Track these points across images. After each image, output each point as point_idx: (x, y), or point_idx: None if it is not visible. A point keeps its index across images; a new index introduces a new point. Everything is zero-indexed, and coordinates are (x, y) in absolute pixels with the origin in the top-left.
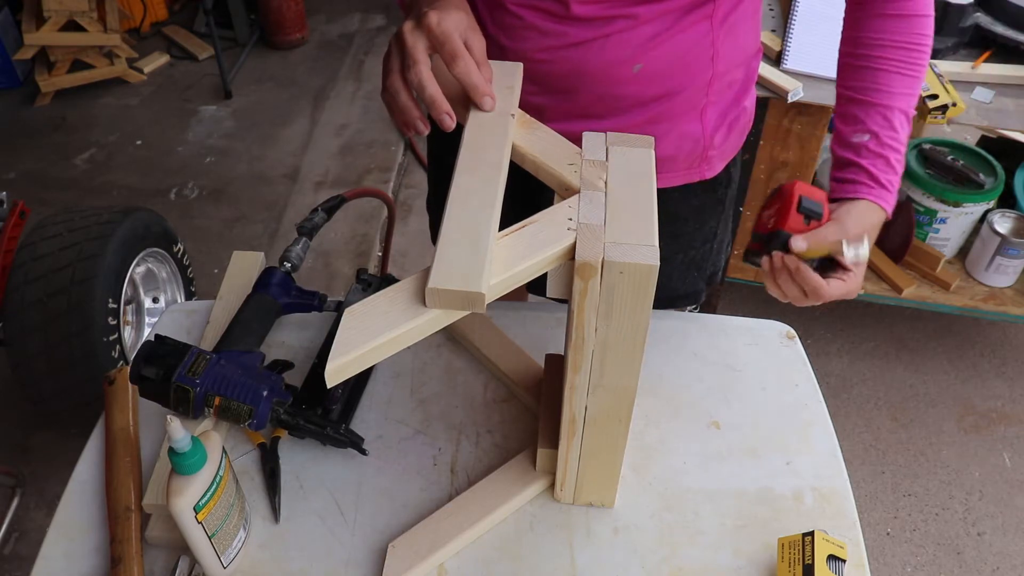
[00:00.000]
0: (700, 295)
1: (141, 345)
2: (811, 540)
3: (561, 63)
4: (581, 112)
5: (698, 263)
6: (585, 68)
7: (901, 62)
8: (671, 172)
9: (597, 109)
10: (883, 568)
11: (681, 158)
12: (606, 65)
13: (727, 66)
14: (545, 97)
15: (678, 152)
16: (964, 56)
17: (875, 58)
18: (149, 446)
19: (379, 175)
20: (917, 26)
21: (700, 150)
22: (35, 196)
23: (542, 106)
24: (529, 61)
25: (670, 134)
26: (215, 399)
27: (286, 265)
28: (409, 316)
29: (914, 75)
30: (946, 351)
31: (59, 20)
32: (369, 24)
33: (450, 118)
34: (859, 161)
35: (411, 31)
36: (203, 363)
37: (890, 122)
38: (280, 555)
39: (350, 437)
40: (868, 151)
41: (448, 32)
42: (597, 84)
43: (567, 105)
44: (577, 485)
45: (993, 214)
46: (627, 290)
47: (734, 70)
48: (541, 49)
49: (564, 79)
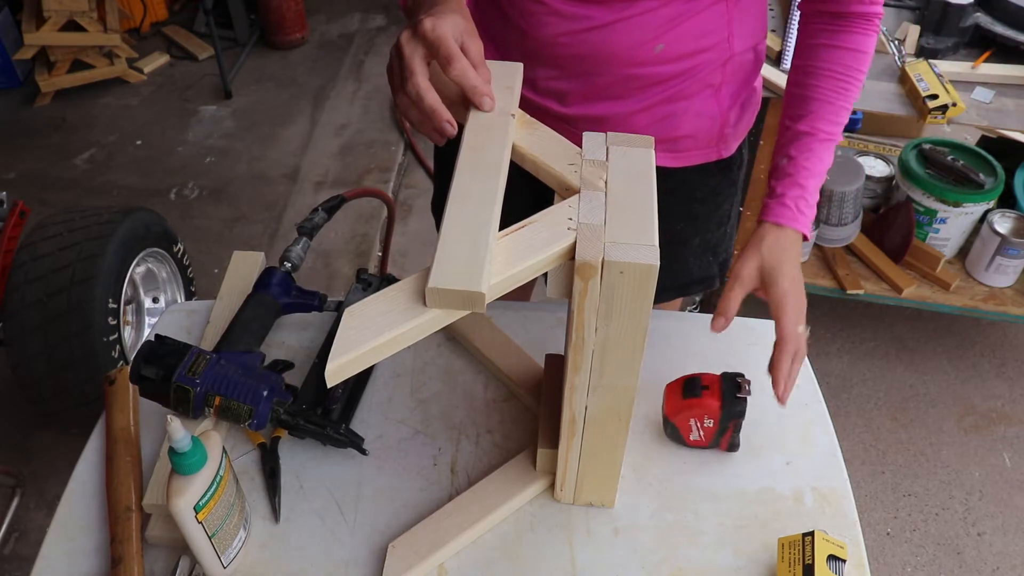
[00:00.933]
0: (714, 281)
1: (141, 345)
2: (811, 540)
3: (584, 46)
4: (602, 94)
5: (713, 247)
6: (608, 50)
7: (830, 90)
8: (691, 151)
9: (618, 90)
10: (883, 568)
11: (699, 136)
12: (629, 46)
13: (742, 46)
14: (566, 81)
15: (696, 131)
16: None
17: (809, 86)
18: (149, 446)
19: (379, 175)
20: (852, 59)
21: (717, 128)
22: (35, 196)
23: (564, 91)
24: (552, 46)
25: (687, 112)
26: (215, 399)
27: (286, 265)
28: (409, 316)
29: (841, 104)
30: (946, 351)
31: (59, 20)
32: (369, 24)
33: (451, 126)
34: (772, 183)
35: (407, 41)
36: (203, 363)
37: (808, 146)
38: (280, 555)
39: (350, 437)
40: (782, 173)
41: (442, 36)
42: (620, 65)
43: (589, 88)
44: (577, 485)
45: (993, 214)
46: (627, 290)
47: (747, 51)
48: (564, 33)
49: (587, 62)
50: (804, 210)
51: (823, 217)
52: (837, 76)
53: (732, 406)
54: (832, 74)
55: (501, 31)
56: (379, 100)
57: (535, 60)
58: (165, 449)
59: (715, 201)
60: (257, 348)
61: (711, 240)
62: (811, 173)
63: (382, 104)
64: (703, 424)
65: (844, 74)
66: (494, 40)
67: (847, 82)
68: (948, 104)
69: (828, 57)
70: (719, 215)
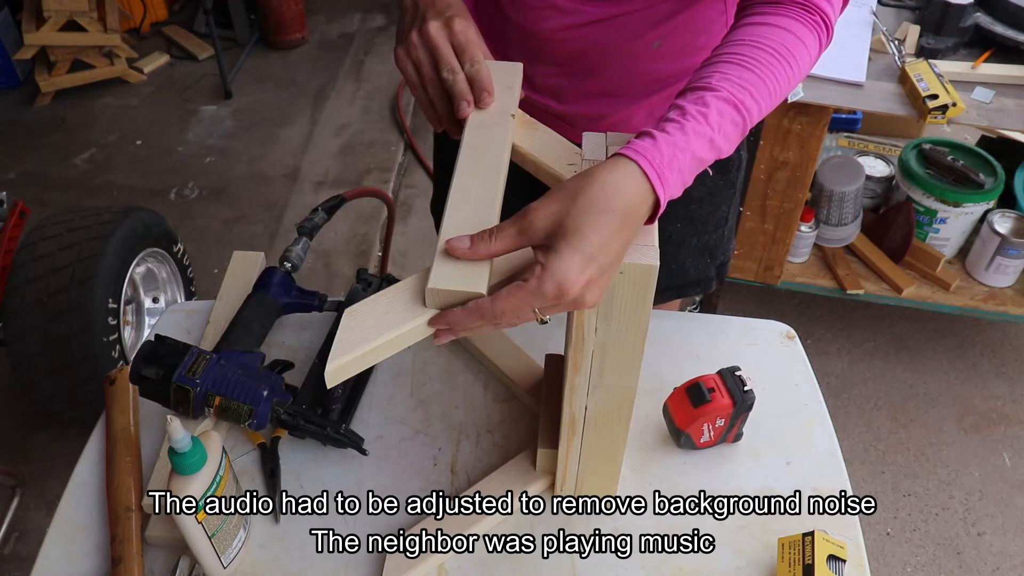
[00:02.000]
0: (711, 283)
1: (141, 345)
2: (811, 540)
3: (581, 41)
4: (600, 91)
5: (711, 249)
6: (606, 45)
7: (751, 59)
8: None
9: (616, 87)
10: (883, 568)
11: None
12: (626, 41)
13: None
14: (564, 78)
15: None
16: (964, 56)
17: (724, 53)
18: (149, 446)
19: (379, 175)
20: (781, 37)
21: None
22: (35, 196)
23: (561, 88)
24: (549, 41)
25: None
26: (215, 399)
27: (286, 265)
28: (409, 316)
29: (758, 73)
30: (946, 351)
31: (59, 20)
32: (369, 24)
33: (468, 104)
34: (648, 129)
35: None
36: (203, 363)
37: (703, 100)
38: (280, 555)
39: (350, 437)
40: (663, 120)
41: (472, 40)
42: (617, 61)
43: (586, 85)
44: (577, 485)
45: (993, 214)
46: (627, 290)
47: None
48: (561, 28)
49: (584, 58)
50: (662, 146)
51: (823, 217)
52: (759, 46)
53: (743, 402)
54: (754, 44)
55: (498, 27)
56: (379, 100)
57: (533, 57)
58: (165, 449)
59: (713, 202)
60: (257, 348)
61: (709, 242)
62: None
63: (382, 104)
64: (715, 425)
65: (769, 48)
66: (492, 37)
67: (772, 56)
68: (948, 104)
69: (752, 32)
70: (717, 217)
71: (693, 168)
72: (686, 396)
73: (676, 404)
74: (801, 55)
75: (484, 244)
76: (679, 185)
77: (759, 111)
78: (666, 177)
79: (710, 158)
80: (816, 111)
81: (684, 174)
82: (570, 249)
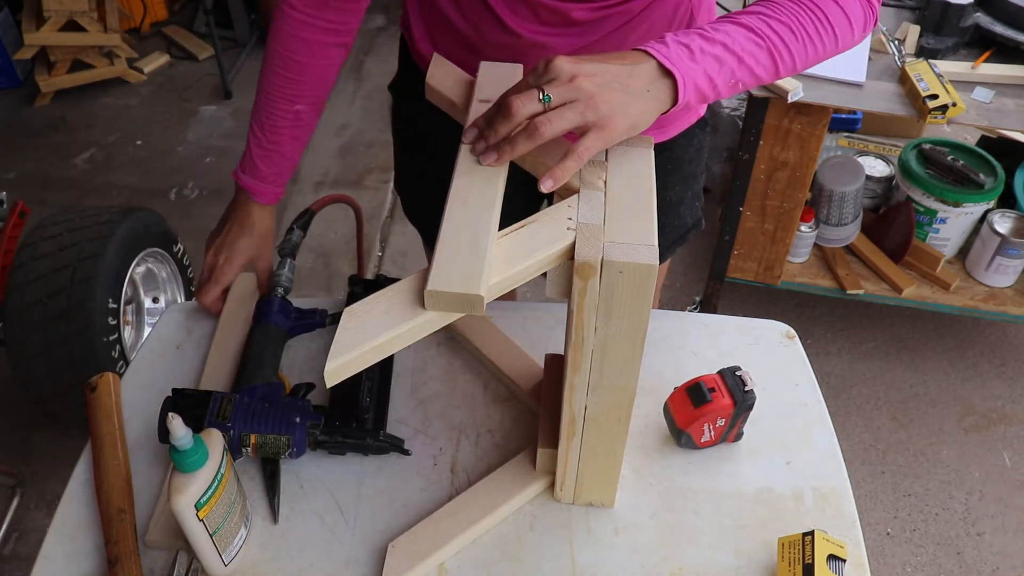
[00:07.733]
0: (701, 222)
1: (162, 404)
2: (811, 540)
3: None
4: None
5: (698, 193)
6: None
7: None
8: (676, 121)
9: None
10: (883, 568)
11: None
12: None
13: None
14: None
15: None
16: (964, 56)
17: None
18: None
19: (379, 175)
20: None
21: None
22: (35, 196)
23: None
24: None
25: None
26: (250, 438)
27: (279, 291)
28: (408, 316)
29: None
30: (946, 351)
31: (59, 20)
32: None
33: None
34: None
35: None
36: (229, 406)
37: (720, 22)
38: (280, 555)
39: (391, 441)
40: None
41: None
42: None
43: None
44: (577, 485)
45: (993, 214)
46: (627, 290)
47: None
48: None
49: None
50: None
51: (823, 217)
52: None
53: (744, 401)
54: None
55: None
56: (379, 100)
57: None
58: (167, 484)
59: (699, 155)
60: (275, 378)
61: (697, 189)
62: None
63: (382, 104)
64: (715, 425)
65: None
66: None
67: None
68: (948, 104)
69: None
70: (701, 164)
71: (705, 49)
72: (687, 396)
73: (677, 404)
74: (841, 21)
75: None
76: (687, 59)
77: (783, 44)
78: (671, 50)
79: (729, 60)
80: (816, 111)
81: (695, 55)
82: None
